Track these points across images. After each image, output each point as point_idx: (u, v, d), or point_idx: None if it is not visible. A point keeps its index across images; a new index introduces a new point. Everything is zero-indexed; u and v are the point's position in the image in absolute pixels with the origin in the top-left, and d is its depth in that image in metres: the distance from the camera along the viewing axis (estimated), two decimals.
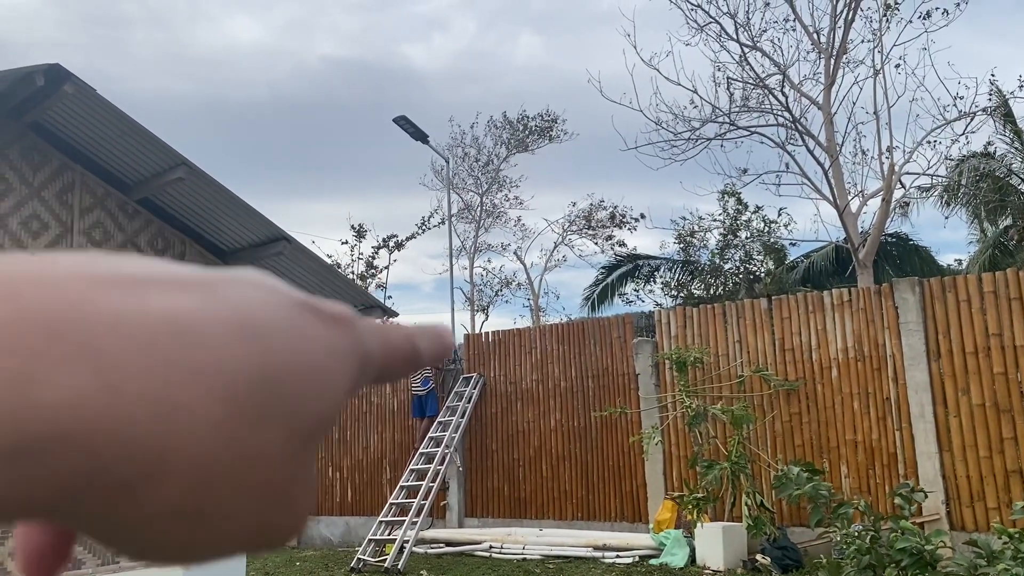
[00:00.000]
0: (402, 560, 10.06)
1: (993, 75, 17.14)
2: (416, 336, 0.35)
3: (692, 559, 9.33)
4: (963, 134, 14.32)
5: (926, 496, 3.08)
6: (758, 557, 8.79)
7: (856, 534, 3.15)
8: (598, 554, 10.06)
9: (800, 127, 14.61)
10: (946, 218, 19.37)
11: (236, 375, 0.26)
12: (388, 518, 11.09)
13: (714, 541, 9.12)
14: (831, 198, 15.60)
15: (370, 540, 10.76)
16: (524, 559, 10.36)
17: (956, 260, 22.56)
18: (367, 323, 0.32)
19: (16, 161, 5.23)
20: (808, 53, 15.74)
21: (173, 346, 0.25)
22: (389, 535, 10.76)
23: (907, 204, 19.13)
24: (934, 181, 17.73)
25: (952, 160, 16.54)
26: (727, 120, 14.98)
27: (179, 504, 0.25)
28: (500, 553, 10.71)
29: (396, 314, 7.47)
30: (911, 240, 19.34)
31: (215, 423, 0.25)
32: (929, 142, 14.40)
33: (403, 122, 15.67)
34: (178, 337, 0.25)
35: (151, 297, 0.25)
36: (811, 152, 14.62)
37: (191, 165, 5.35)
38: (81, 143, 5.41)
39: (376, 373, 0.32)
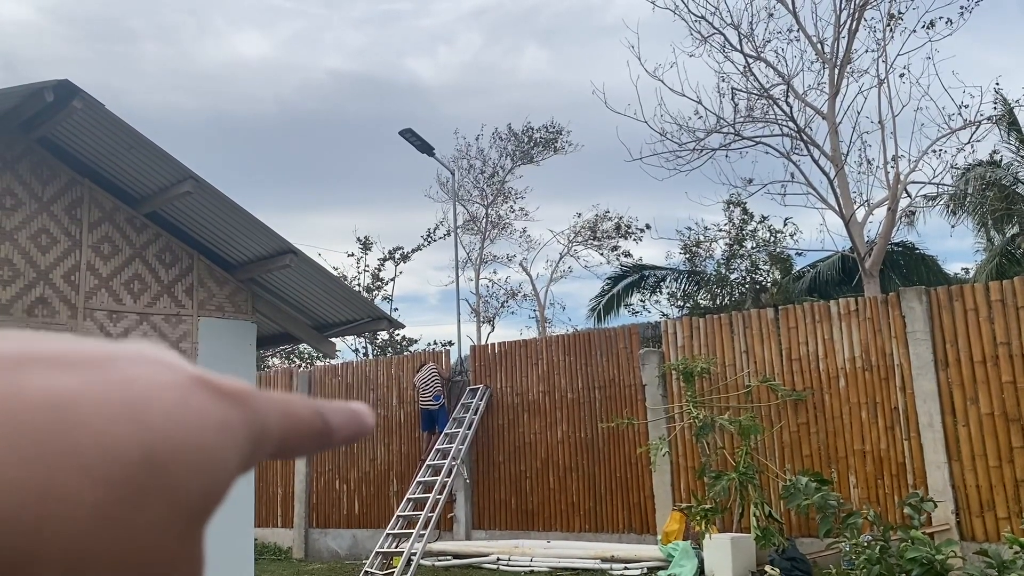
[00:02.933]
0: (409, 573, 10.03)
1: (998, 84, 17.07)
2: (328, 412, 0.33)
3: (700, 571, 9.28)
4: (968, 143, 14.31)
5: (935, 506, 3.06)
6: (767, 568, 8.74)
7: (866, 544, 3.13)
8: (606, 566, 10.02)
9: (805, 137, 14.61)
10: (952, 227, 19.27)
11: (117, 456, 0.25)
12: (395, 531, 11.06)
13: (722, 552, 9.08)
14: (837, 207, 15.59)
15: (377, 553, 10.73)
16: (532, 571, 10.32)
17: (963, 269, 22.48)
18: (268, 397, 0.31)
19: (25, 176, 5.27)
20: (812, 63, 15.79)
21: (50, 429, 0.24)
22: (396, 548, 10.74)
23: (913, 213, 19.08)
24: (940, 190, 17.69)
25: (958, 169, 16.52)
26: (732, 130, 15.00)
27: None
28: (508, 565, 10.68)
29: (402, 325, 7.47)
30: (917, 249, 19.28)
31: (93, 506, 0.24)
32: (934, 151, 14.38)
33: (409, 135, 15.73)
34: (56, 419, 0.24)
35: (29, 377, 0.25)
36: (816, 162, 14.62)
37: (198, 179, 5.38)
38: (90, 158, 5.45)
39: (275, 447, 0.31)
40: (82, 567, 0.24)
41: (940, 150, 14.43)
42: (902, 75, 14.63)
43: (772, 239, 20.47)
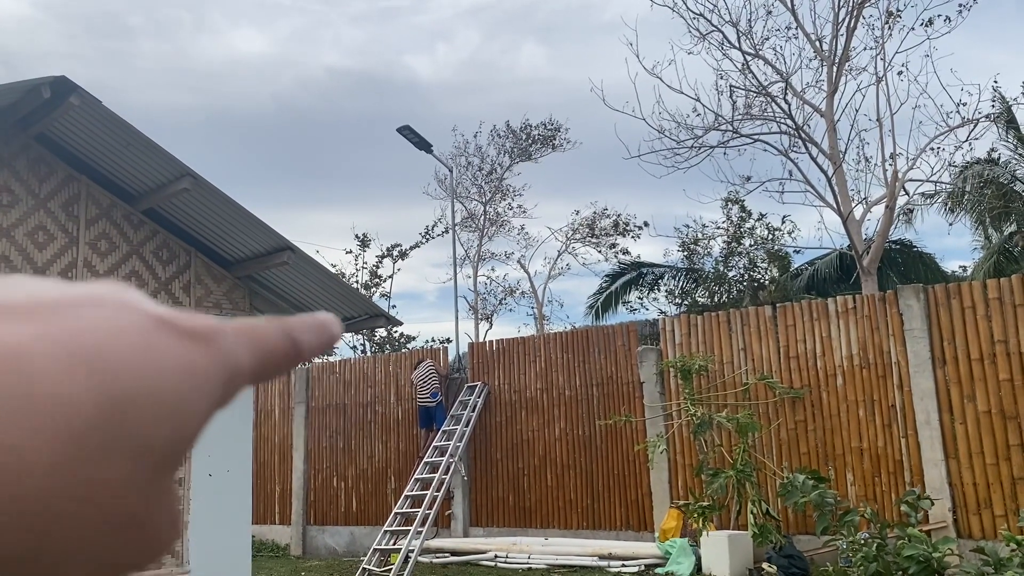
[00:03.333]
0: (407, 570, 10.03)
1: (996, 81, 17.09)
2: (296, 329, 0.32)
3: (698, 568, 9.30)
4: (966, 140, 14.31)
5: (932, 503, 3.06)
6: (764, 566, 8.76)
7: (863, 542, 3.14)
8: (604, 563, 10.03)
9: (803, 134, 14.61)
10: (950, 224, 19.29)
11: (74, 408, 0.24)
12: (393, 528, 11.07)
13: (720, 549, 9.09)
14: (835, 205, 15.59)
15: (375, 550, 10.73)
16: (530, 568, 10.33)
17: (960, 267, 22.51)
18: (235, 327, 0.30)
19: (22, 172, 5.26)
20: (811, 61, 15.77)
21: (1, 382, 0.23)
22: (394, 545, 10.74)
23: (911, 211, 19.10)
24: (938, 188, 17.70)
25: (956, 167, 16.52)
26: (730, 128, 15.00)
27: (14, 551, 0.23)
28: (505, 562, 10.69)
29: (400, 323, 7.47)
30: (915, 247, 19.30)
31: (50, 463, 0.23)
32: (932, 149, 14.39)
33: (407, 132, 15.72)
34: (8, 371, 0.23)
35: None
36: (814, 159, 14.62)
37: (196, 176, 5.37)
38: (87, 154, 5.44)
39: (250, 378, 0.30)
40: (44, 528, 0.24)
41: (938, 148, 14.44)
42: (900, 73, 14.66)
43: (770, 237, 20.48)
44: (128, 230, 5.66)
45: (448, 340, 20.17)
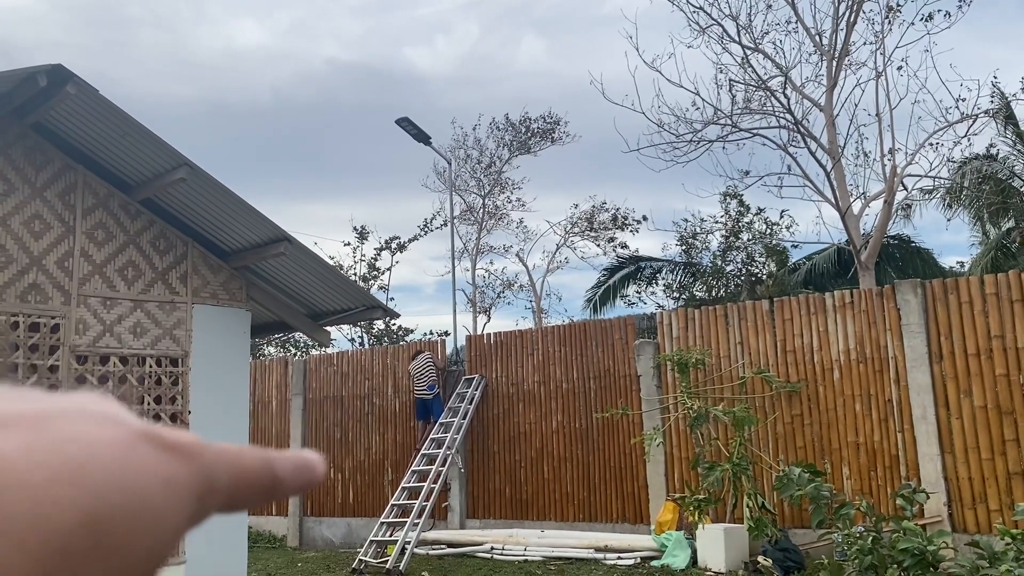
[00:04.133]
0: (404, 561, 10.05)
1: (995, 77, 17.13)
2: (278, 463, 0.32)
3: (694, 561, 9.32)
4: (965, 136, 14.30)
5: (928, 497, 3.06)
6: (759, 559, 8.77)
7: (858, 535, 3.14)
8: (599, 555, 10.05)
9: (802, 129, 14.60)
10: (948, 220, 19.28)
11: (55, 522, 0.24)
12: (390, 519, 11.08)
13: (715, 543, 9.11)
14: (833, 200, 15.58)
15: (372, 541, 10.75)
16: (526, 560, 10.35)
17: (958, 262, 22.53)
18: (217, 449, 0.30)
19: (19, 161, 5.24)
20: (810, 55, 15.76)
21: None
22: (391, 536, 10.76)
23: (909, 206, 19.12)
24: (936, 183, 17.71)
25: (954, 162, 16.52)
26: (729, 122, 14.97)
27: None
28: (502, 554, 10.70)
29: (397, 315, 7.47)
30: (913, 242, 19.31)
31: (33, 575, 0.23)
32: (931, 144, 14.38)
33: (406, 124, 15.69)
34: None
35: None
36: (813, 154, 14.61)
37: (193, 165, 5.35)
38: (83, 143, 5.42)
39: (224, 501, 0.30)
40: None
41: (937, 143, 14.43)
42: (900, 68, 14.65)
43: (768, 231, 20.48)
44: (125, 220, 5.64)
45: (446, 333, 20.18)
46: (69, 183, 5.43)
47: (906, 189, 16.66)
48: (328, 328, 7.10)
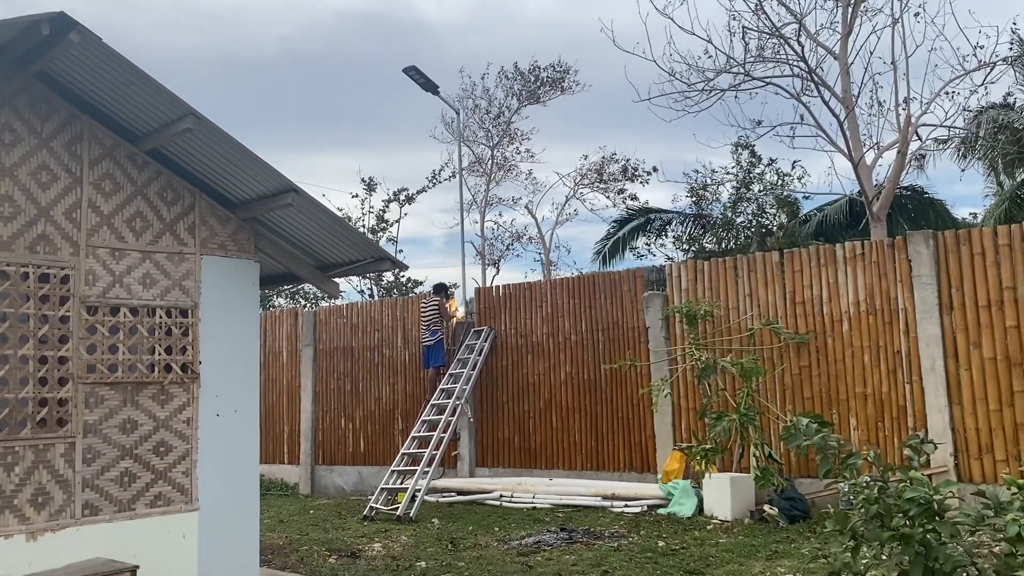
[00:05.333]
0: (414, 508, 10.22)
1: (1015, 24, 16.66)
2: None
3: (700, 509, 9.44)
4: (982, 84, 14.03)
5: (936, 448, 3.06)
6: (765, 507, 8.88)
7: (864, 484, 3.16)
8: (607, 503, 10.19)
9: (816, 78, 14.35)
10: (962, 171, 19.00)
11: None
12: (400, 467, 11.24)
13: (722, 491, 9.21)
14: (846, 150, 15.37)
15: (382, 489, 10.92)
16: (534, 508, 10.50)
17: (971, 214, 22.31)
18: None
19: (23, 111, 5.20)
20: (825, 1, 15.39)
21: None
22: (401, 484, 10.92)
23: (923, 156, 18.83)
24: (951, 133, 17.42)
25: (970, 111, 16.25)
26: (742, 70, 14.72)
27: None
28: (510, 502, 10.87)
29: (405, 266, 7.45)
30: (926, 193, 19.09)
31: None
32: (947, 93, 14.11)
33: (413, 73, 15.48)
34: None
35: None
36: (826, 103, 14.38)
37: (199, 115, 5.30)
38: (88, 93, 5.37)
39: None
40: None
41: (953, 92, 14.16)
42: (917, 14, 14.28)
43: (779, 182, 20.28)
44: (132, 170, 5.61)
45: (455, 285, 20.15)
46: (75, 133, 5.39)
47: (920, 139, 16.40)
48: (337, 280, 7.10)
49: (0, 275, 4.98)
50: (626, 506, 9.99)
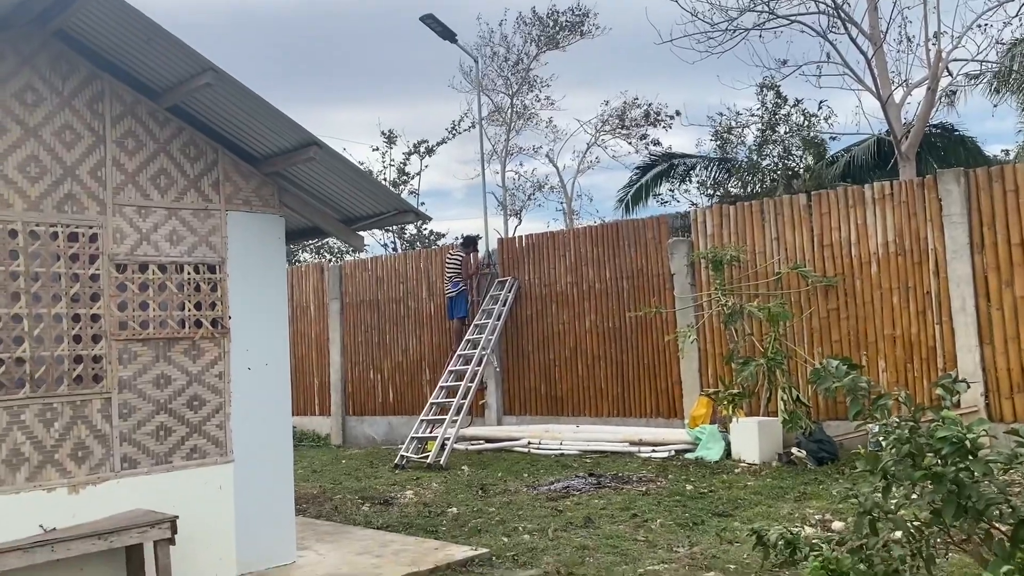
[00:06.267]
0: (444, 456, 10.37)
1: None
2: None
3: (727, 453, 9.49)
4: (1016, 15, 13.60)
5: (968, 387, 3.04)
6: (793, 450, 8.91)
7: (896, 425, 3.15)
8: (634, 449, 10.27)
9: (842, 14, 13.97)
10: (995, 106, 18.53)
11: None
12: (429, 417, 11.39)
13: (749, 435, 9.25)
14: (874, 88, 15.04)
15: (412, 438, 11.09)
16: (562, 454, 10.62)
17: (1003, 151, 21.80)
18: None
19: (44, 71, 5.19)
20: None
21: None
22: (430, 433, 11.08)
23: (953, 93, 18.33)
24: (983, 67, 16.96)
25: (1003, 44, 15.77)
26: (766, 8, 14.36)
27: None
28: (538, 449, 11.00)
29: (429, 218, 7.43)
30: (956, 131, 18.63)
31: None
32: (979, 26, 13.75)
33: (430, 21, 15.26)
34: None
35: None
36: (854, 40, 14.02)
37: (218, 70, 5.26)
38: (107, 51, 5.34)
39: None
40: None
41: (985, 24, 13.77)
42: None
43: (806, 123, 19.90)
44: (154, 127, 5.61)
45: (478, 237, 20.13)
46: (96, 91, 5.38)
47: (951, 75, 15.98)
48: (361, 233, 7.11)
49: (30, 235, 5.04)
50: (653, 451, 10.07)
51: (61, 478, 5.04)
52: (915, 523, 3.10)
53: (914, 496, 3.14)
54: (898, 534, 3.17)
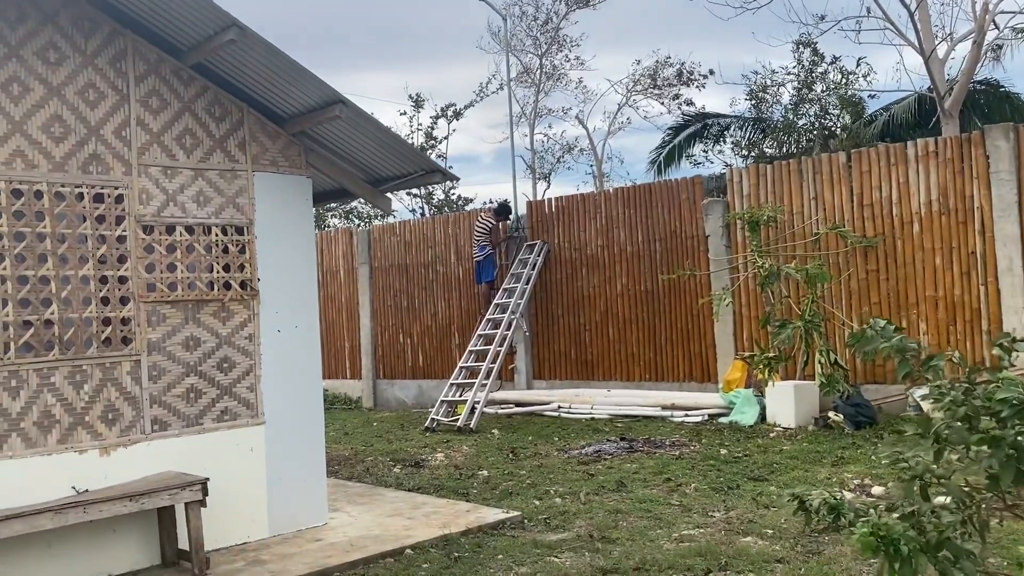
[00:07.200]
0: (474, 419, 10.34)
1: None
2: None
3: (762, 417, 9.34)
4: None
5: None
6: (830, 414, 8.73)
7: (950, 386, 2.97)
8: (666, 413, 10.16)
9: None
10: None
11: None
12: (459, 380, 11.35)
13: (785, 399, 9.08)
14: (916, 43, 14.53)
15: (442, 401, 11.07)
16: (592, 418, 10.54)
17: None
18: None
19: (67, 28, 5.11)
20: None
21: None
22: (460, 397, 11.05)
23: (1000, 47, 17.68)
24: None
25: None
26: None
27: None
28: (568, 413, 10.92)
29: (456, 178, 7.29)
30: (1002, 87, 17.98)
31: None
32: None
33: None
34: None
35: None
36: None
37: (242, 26, 5.14)
38: (129, 6, 5.25)
39: None
40: None
41: None
42: None
43: (843, 81, 19.33)
44: (178, 86, 5.52)
45: (506, 201, 19.95)
46: (119, 49, 5.29)
47: (997, 28, 15.39)
48: (389, 196, 7.00)
49: (56, 196, 4.99)
50: (686, 416, 9.94)
51: (92, 440, 5.05)
52: (967, 489, 2.93)
53: (967, 460, 2.97)
54: (944, 499, 3.03)
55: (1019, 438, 2.72)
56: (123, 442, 5.16)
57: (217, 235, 5.63)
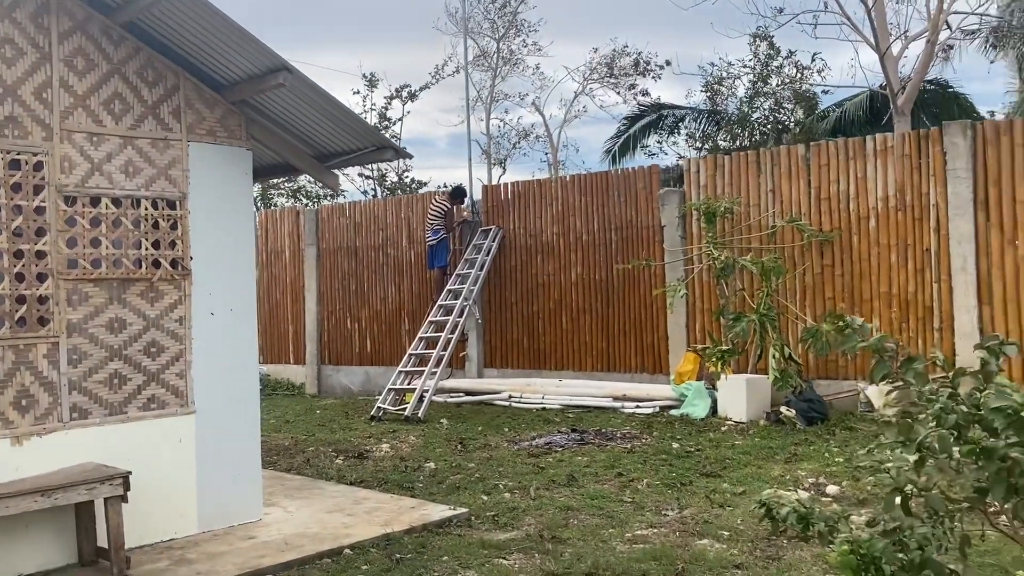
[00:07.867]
0: (422, 409, 10.04)
1: None
2: None
3: (714, 410, 9.22)
4: None
5: (1018, 349, 2.67)
6: (783, 409, 8.64)
7: (932, 392, 2.76)
8: (618, 404, 9.99)
9: None
10: (991, 62, 18.08)
11: None
12: (407, 368, 11.02)
13: (737, 393, 8.97)
14: (872, 40, 14.58)
15: (390, 389, 10.73)
16: (544, 408, 10.32)
17: (989, 112, 21.43)
18: None
19: None
20: None
21: None
22: (409, 384, 10.72)
23: (950, 48, 17.91)
24: (983, 22, 16.53)
25: None
26: None
27: None
28: (519, 403, 10.69)
29: (409, 155, 6.95)
30: (951, 87, 18.23)
31: None
32: None
33: None
34: None
35: None
36: None
37: None
38: None
39: None
40: None
41: None
42: None
43: (798, 76, 19.39)
44: (107, 46, 5.07)
45: (466, 192, 19.62)
46: (41, 3, 4.84)
47: (950, 28, 15.53)
48: (336, 172, 6.63)
49: None
50: (637, 407, 9.79)
51: (3, 428, 4.62)
52: (948, 503, 2.74)
53: (952, 470, 2.78)
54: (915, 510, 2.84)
55: (1011, 451, 2.54)
56: (37, 431, 4.74)
57: (147, 209, 5.21)
